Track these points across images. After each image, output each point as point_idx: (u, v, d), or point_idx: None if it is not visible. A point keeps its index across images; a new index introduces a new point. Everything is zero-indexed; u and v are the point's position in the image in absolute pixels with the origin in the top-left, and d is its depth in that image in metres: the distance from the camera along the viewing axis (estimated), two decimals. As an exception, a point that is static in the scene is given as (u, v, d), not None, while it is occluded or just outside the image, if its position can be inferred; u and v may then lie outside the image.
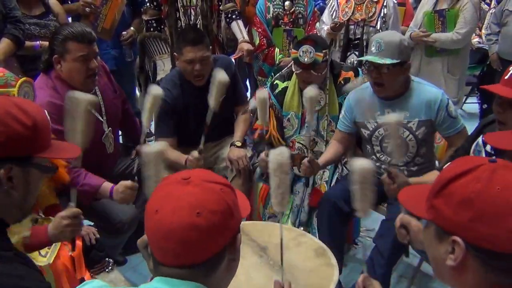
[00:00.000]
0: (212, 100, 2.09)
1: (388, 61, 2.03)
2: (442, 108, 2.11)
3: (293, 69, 2.42)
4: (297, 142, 2.50)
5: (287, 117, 2.50)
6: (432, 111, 2.12)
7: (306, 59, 2.28)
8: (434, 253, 0.92)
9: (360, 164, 1.36)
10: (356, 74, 2.45)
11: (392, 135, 1.72)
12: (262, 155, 2.35)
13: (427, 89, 2.17)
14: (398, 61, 2.04)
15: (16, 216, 1.14)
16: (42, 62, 2.14)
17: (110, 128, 2.30)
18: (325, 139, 2.46)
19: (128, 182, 2.01)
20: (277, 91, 2.51)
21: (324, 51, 2.29)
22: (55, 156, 1.21)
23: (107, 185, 2.06)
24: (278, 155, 1.39)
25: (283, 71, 2.65)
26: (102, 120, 2.26)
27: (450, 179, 0.87)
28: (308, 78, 2.33)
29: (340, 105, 2.40)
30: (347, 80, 2.43)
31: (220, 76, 2.05)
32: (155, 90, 1.92)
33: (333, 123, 2.43)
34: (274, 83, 2.56)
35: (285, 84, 2.50)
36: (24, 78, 1.77)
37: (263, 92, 2.14)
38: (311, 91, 2.04)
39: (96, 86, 2.23)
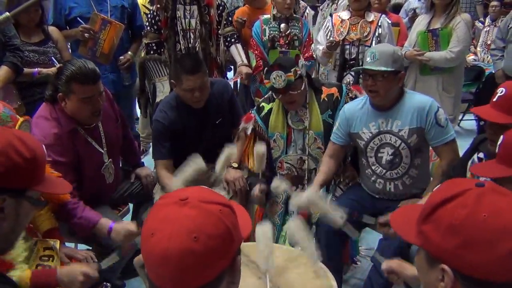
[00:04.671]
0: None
1: (382, 68, 2.09)
2: (430, 115, 2.15)
3: (275, 96, 2.45)
4: (285, 162, 2.50)
5: (273, 138, 2.51)
6: (422, 118, 2.16)
7: (279, 84, 2.30)
8: (426, 279, 0.91)
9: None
10: (340, 90, 2.47)
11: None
12: (256, 190, 2.36)
13: (417, 98, 2.23)
14: (392, 69, 2.10)
15: (2, 246, 1.14)
16: (47, 96, 2.13)
17: (110, 159, 2.29)
18: (309, 155, 2.46)
19: (132, 228, 1.98)
20: (263, 113, 2.53)
21: (292, 70, 2.30)
22: (48, 190, 1.21)
23: (105, 221, 2.03)
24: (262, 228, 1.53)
25: (268, 93, 2.67)
26: (102, 151, 2.25)
27: (437, 204, 0.87)
28: (290, 99, 2.37)
29: (324, 122, 2.42)
30: (330, 97, 2.45)
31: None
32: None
33: (318, 140, 2.44)
34: (260, 105, 2.58)
35: (270, 105, 2.52)
36: (22, 119, 1.79)
37: (261, 147, 2.21)
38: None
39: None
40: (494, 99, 1.71)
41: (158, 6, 3.13)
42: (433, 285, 0.87)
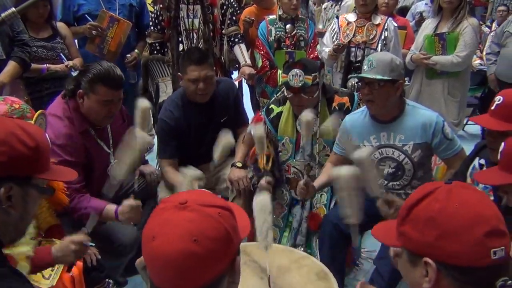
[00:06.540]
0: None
1: (378, 77, 2.06)
2: (438, 131, 2.13)
3: (285, 94, 2.43)
4: (293, 166, 2.50)
5: (282, 142, 2.50)
6: (427, 134, 2.14)
7: (295, 83, 2.28)
8: (411, 279, 0.95)
9: (345, 171, 1.39)
10: (352, 100, 2.45)
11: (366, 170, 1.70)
12: (263, 181, 2.35)
13: (421, 112, 2.19)
14: (389, 78, 2.07)
15: (12, 236, 1.15)
16: (66, 90, 2.14)
17: (116, 160, 2.31)
18: (318, 163, 2.45)
19: (132, 202, 2.00)
20: (272, 115, 2.52)
21: (313, 74, 2.29)
22: (53, 178, 1.24)
23: (111, 207, 2.06)
24: (260, 200, 1.46)
25: (278, 95, 2.66)
26: (109, 151, 2.26)
27: (412, 205, 0.93)
28: (299, 102, 2.35)
29: (334, 130, 2.39)
30: (341, 106, 2.44)
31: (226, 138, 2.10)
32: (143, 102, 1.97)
33: (328, 147, 2.43)
34: (270, 107, 2.57)
35: (280, 109, 2.51)
36: (40, 112, 1.81)
37: (259, 129, 2.17)
38: (307, 115, 2.06)
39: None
40: (492, 108, 1.71)
41: (161, 5, 3.13)
42: (418, 283, 0.91)
